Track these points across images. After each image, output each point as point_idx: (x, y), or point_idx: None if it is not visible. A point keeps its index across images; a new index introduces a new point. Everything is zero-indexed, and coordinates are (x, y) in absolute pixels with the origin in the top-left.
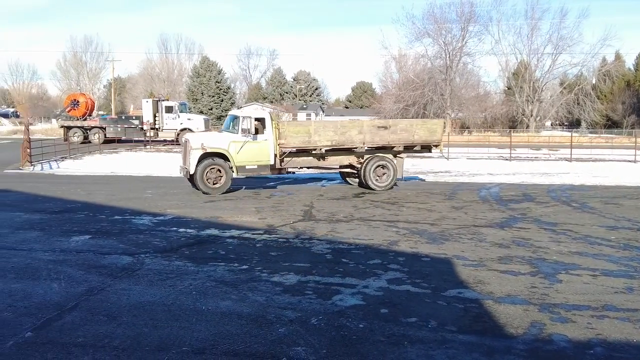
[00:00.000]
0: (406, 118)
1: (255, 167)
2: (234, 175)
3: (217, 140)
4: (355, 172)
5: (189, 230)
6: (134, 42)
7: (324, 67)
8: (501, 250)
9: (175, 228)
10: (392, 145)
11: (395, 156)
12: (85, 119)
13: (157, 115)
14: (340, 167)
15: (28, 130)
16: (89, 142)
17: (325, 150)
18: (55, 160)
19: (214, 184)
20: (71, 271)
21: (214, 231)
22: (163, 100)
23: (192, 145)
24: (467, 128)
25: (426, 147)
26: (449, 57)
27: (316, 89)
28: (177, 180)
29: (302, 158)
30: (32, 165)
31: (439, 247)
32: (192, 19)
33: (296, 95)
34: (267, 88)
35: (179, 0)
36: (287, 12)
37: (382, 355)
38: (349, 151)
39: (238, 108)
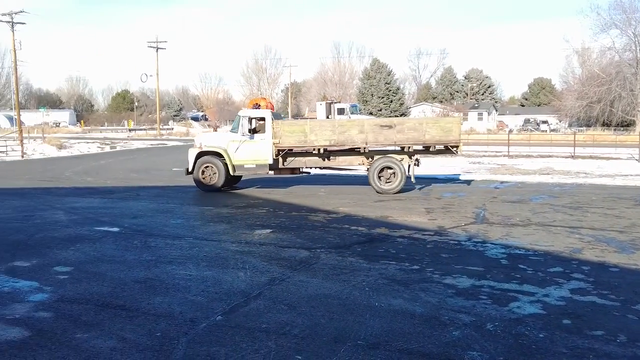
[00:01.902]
0: (590, 116)
1: (254, 166)
2: (232, 173)
3: (216, 140)
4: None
5: (360, 228)
6: (309, 48)
7: (497, 64)
8: None
9: (347, 225)
10: (402, 146)
11: (410, 157)
12: None
13: (329, 116)
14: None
15: (216, 131)
16: None
17: (330, 151)
18: None
19: (209, 181)
20: (255, 262)
21: (384, 230)
22: (335, 103)
23: (194, 144)
24: None
25: (444, 149)
26: None
27: (489, 87)
28: (345, 180)
29: (308, 158)
30: None
31: (629, 257)
32: (364, 24)
33: (467, 94)
34: (437, 87)
35: (352, 6)
36: (457, 9)
37: None
38: (357, 151)
39: (407, 108)
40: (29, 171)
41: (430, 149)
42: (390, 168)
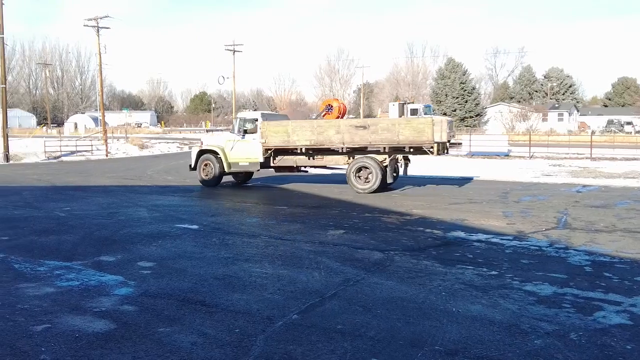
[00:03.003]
0: None
1: (247, 164)
2: (226, 170)
3: (216, 140)
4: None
5: (435, 231)
6: (382, 49)
7: (579, 62)
8: None
9: (421, 228)
10: (377, 146)
11: (390, 157)
12: None
13: (402, 117)
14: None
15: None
16: None
17: (315, 150)
18: None
19: (206, 176)
20: (329, 262)
21: (460, 234)
22: (409, 103)
23: (199, 143)
24: None
25: (418, 150)
26: None
27: (570, 86)
28: (419, 181)
29: (298, 157)
30: None
31: None
32: (438, 23)
33: (546, 94)
34: (515, 87)
35: (426, 6)
36: (537, 7)
37: None
38: (350, 150)
39: (483, 109)
40: (112, 170)
41: (405, 150)
42: (366, 168)
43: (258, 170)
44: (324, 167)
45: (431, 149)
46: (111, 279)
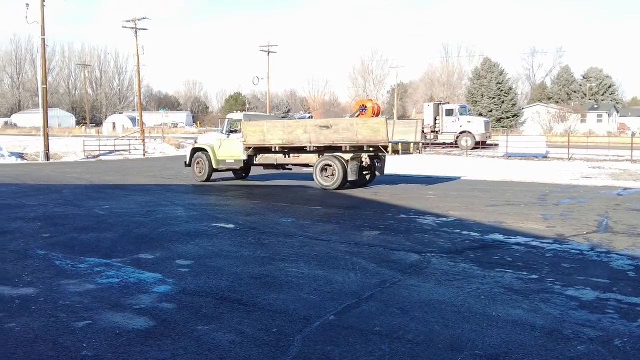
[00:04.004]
0: None
1: (232, 161)
2: (215, 166)
3: (207, 139)
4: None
5: (472, 233)
6: (416, 49)
7: (618, 62)
8: None
9: (458, 230)
10: (338, 144)
11: (377, 156)
12: None
13: (437, 118)
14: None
15: None
16: None
17: (290, 148)
18: None
19: (199, 172)
20: (365, 263)
21: (498, 236)
22: (444, 104)
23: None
24: None
25: (376, 148)
26: None
27: (609, 87)
28: (455, 183)
29: (278, 155)
30: None
31: None
32: (474, 23)
33: (585, 95)
34: (552, 87)
35: (461, 5)
36: (575, 5)
37: None
38: (313, 149)
39: (520, 109)
40: (149, 169)
41: (364, 148)
42: (329, 166)
43: (240, 167)
44: (306, 165)
45: (386, 148)
46: (150, 277)
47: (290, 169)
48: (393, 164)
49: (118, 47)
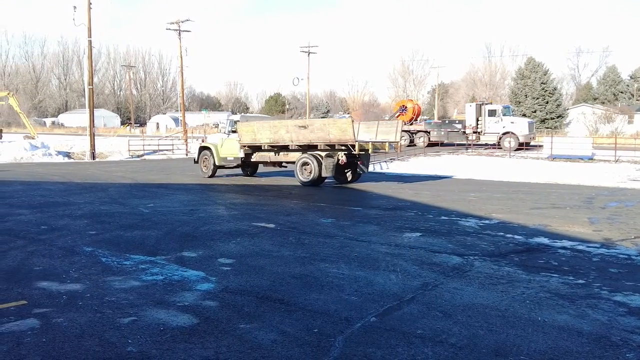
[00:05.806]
0: None
1: (232, 158)
2: (217, 163)
3: (213, 138)
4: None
5: (516, 236)
6: (457, 49)
7: None
8: None
9: (502, 233)
10: (315, 144)
11: (356, 155)
12: (411, 124)
13: (479, 119)
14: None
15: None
16: (414, 145)
17: (281, 147)
18: (385, 161)
19: (205, 168)
20: (406, 265)
21: (543, 240)
22: (487, 104)
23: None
24: None
25: (347, 147)
26: None
27: None
28: (498, 185)
29: (270, 153)
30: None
31: None
32: (517, 22)
33: (633, 95)
34: (598, 88)
35: (504, 5)
36: (622, 4)
37: None
38: (303, 148)
39: (565, 110)
40: (192, 168)
41: (336, 147)
42: (307, 164)
43: (239, 164)
44: (294, 162)
45: (354, 147)
46: (193, 274)
47: (286, 167)
48: (435, 165)
49: (162, 49)
